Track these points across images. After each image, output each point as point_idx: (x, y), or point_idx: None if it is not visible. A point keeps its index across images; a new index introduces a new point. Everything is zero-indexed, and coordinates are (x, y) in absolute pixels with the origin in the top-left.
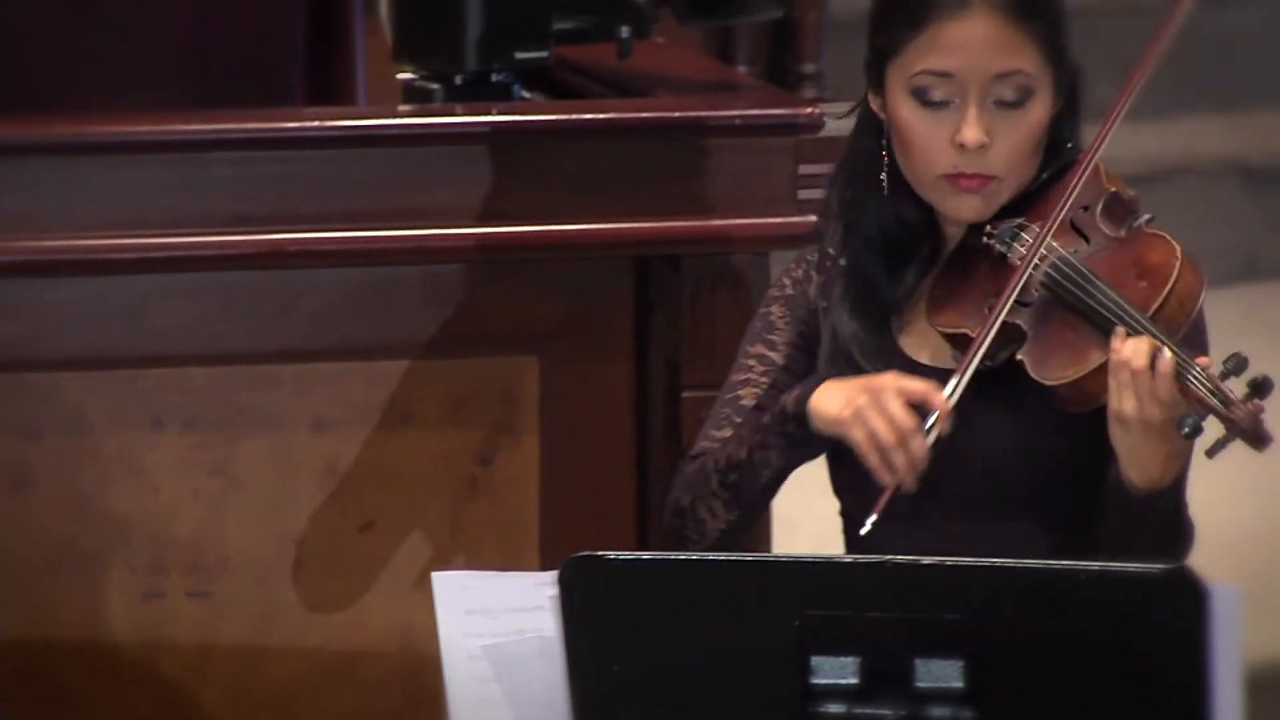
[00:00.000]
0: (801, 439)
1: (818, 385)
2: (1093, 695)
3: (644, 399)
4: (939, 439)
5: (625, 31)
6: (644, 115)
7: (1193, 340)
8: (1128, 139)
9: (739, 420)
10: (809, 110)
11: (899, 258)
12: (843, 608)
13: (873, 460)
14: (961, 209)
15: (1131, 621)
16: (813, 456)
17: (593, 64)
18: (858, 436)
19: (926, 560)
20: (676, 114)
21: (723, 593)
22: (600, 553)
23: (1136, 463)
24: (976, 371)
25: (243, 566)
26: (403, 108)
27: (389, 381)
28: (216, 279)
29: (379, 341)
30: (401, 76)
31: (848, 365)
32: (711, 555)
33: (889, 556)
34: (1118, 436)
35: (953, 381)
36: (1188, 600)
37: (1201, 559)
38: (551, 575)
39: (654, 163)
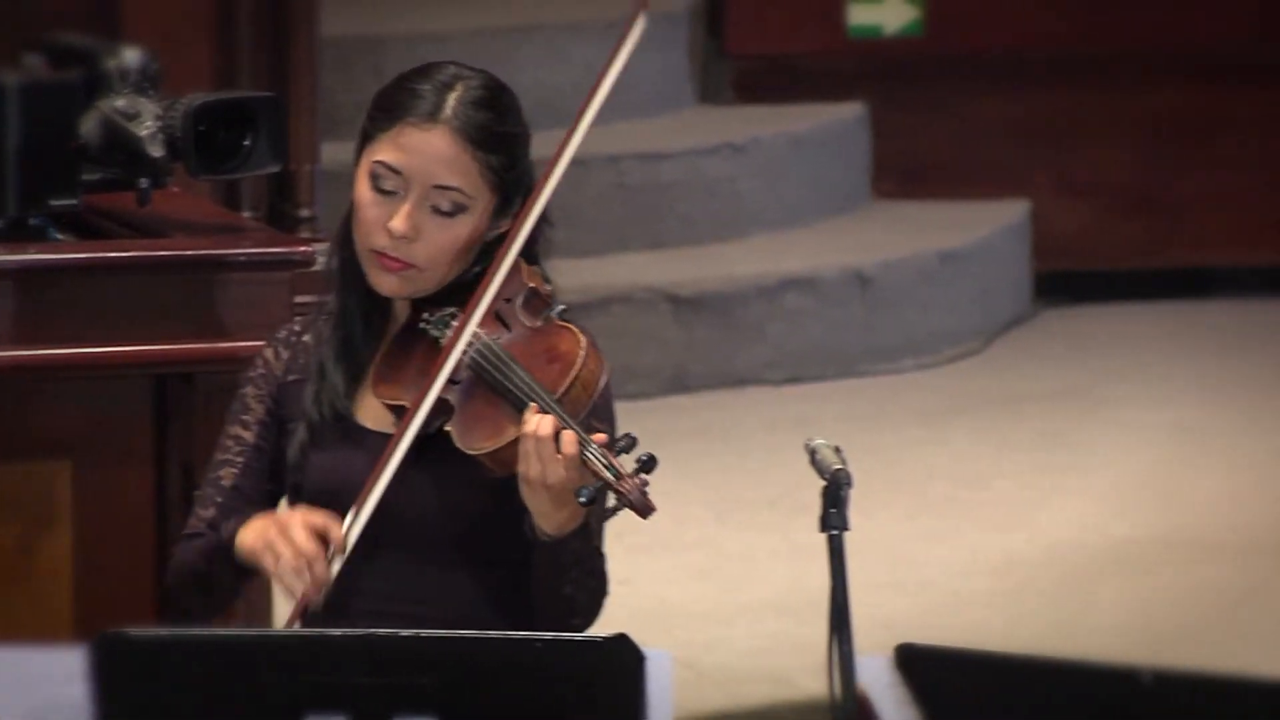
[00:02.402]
0: (239, 562)
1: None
2: None
3: (163, 497)
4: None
5: (145, 182)
6: (161, 254)
7: (601, 417)
8: (574, 272)
9: (220, 500)
10: (303, 249)
11: (371, 322)
12: (332, 674)
13: (283, 583)
14: (380, 284)
15: (580, 684)
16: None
17: (118, 210)
18: (268, 564)
19: (405, 632)
20: (189, 252)
21: (229, 663)
22: (124, 629)
23: (544, 517)
24: (415, 438)
25: None
26: None
27: None
28: None
29: None
30: None
31: (314, 436)
32: (219, 631)
33: (372, 630)
34: (528, 496)
35: (349, 516)
36: (627, 664)
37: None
38: (81, 650)
39: (170, 294)
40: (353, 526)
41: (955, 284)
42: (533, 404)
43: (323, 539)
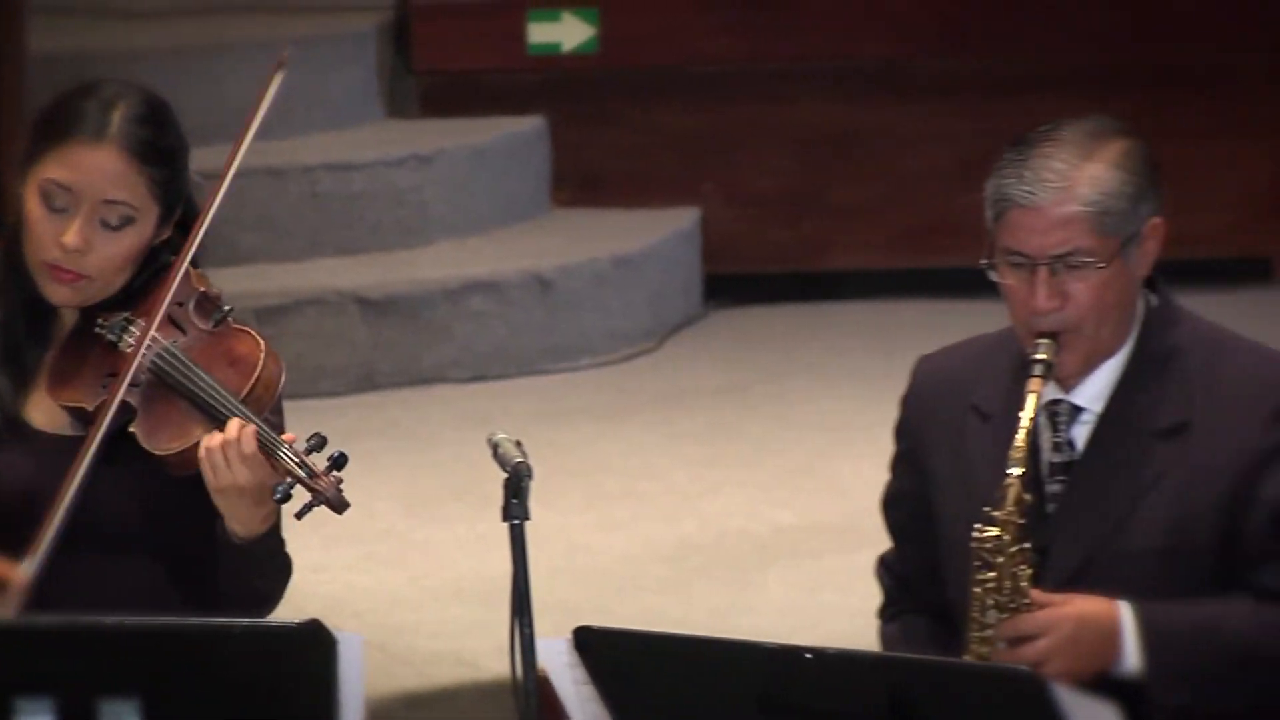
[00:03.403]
0: None
1: None
2: None
3: None
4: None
5: None
6: None
7: (279, 420)
8: (268, 276)
9: None
10: None
11: (37, 328)
12: (37, 661)
13: None
14: (54, 295)
15: (276, 667)
16: None
17: None
18: None
19: (108, 620)
20: None
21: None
22: None
23: (236, 519)
24: (102, 440)
25: None
26: None
27: None
28: None
29: None
30: None
31: None
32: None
33: (75, 618)
34: (218, 499)
35: (27, 561)
36: (320, 647)
37: None
38: None
39: None
40: (46, 529)
41: (629, 287)
42: (218, 406)
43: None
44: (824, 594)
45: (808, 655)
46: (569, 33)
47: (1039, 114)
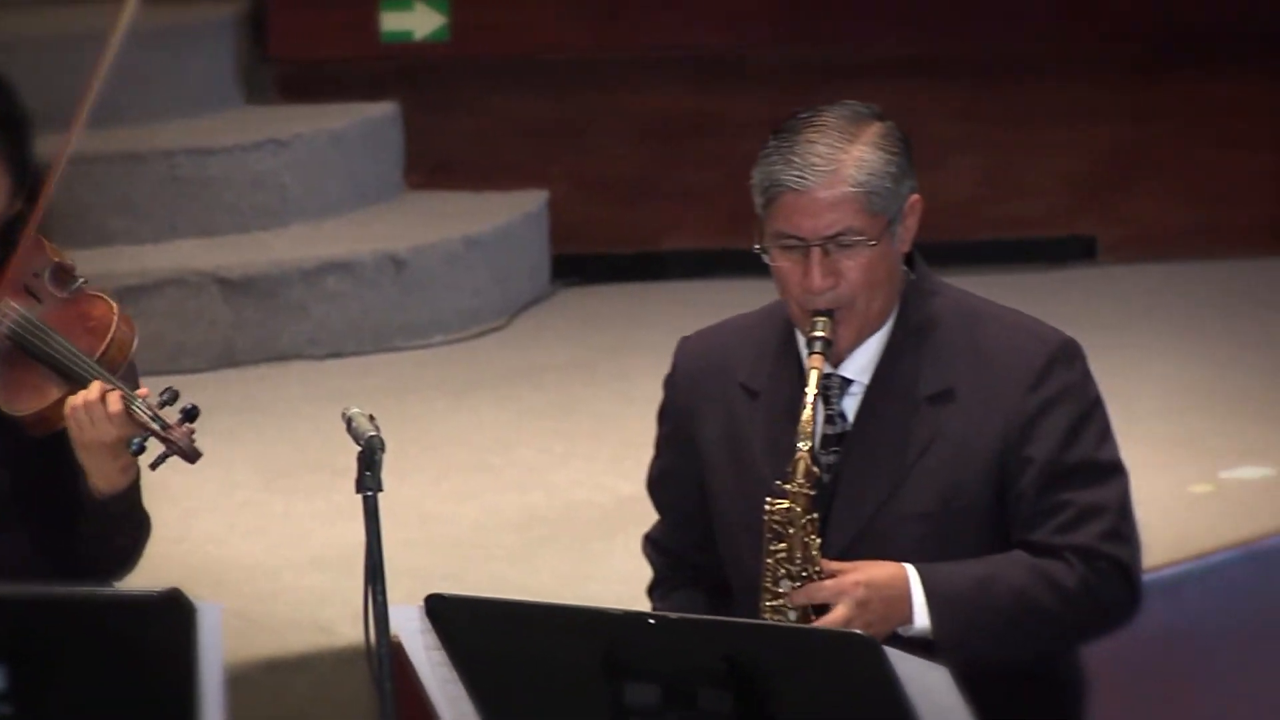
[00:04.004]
0: None
1: None
2: (112, 698)
3: None
4: None
5: None
6: None
7: (132, 377)
8: (131, 257)
9: None
10: None
11: None
12: None
13: None
14: None
15: (138, 634)
16: None
17: None
18: None
19: None
20: None
21: None
22: None
23: (99, 475)
24: None
25: None
26: None
27: None
28: None
29: None
30: None
31: None
32: None
33: None
34: (81, 456)
35: None
36: (180, 615)
37: None
38: None
39: None
40: None
41: (480, 267)
42: (76, 369)
43: None
44: None
45: (650, 620)
46: (421, 21)
47: (867, 101)
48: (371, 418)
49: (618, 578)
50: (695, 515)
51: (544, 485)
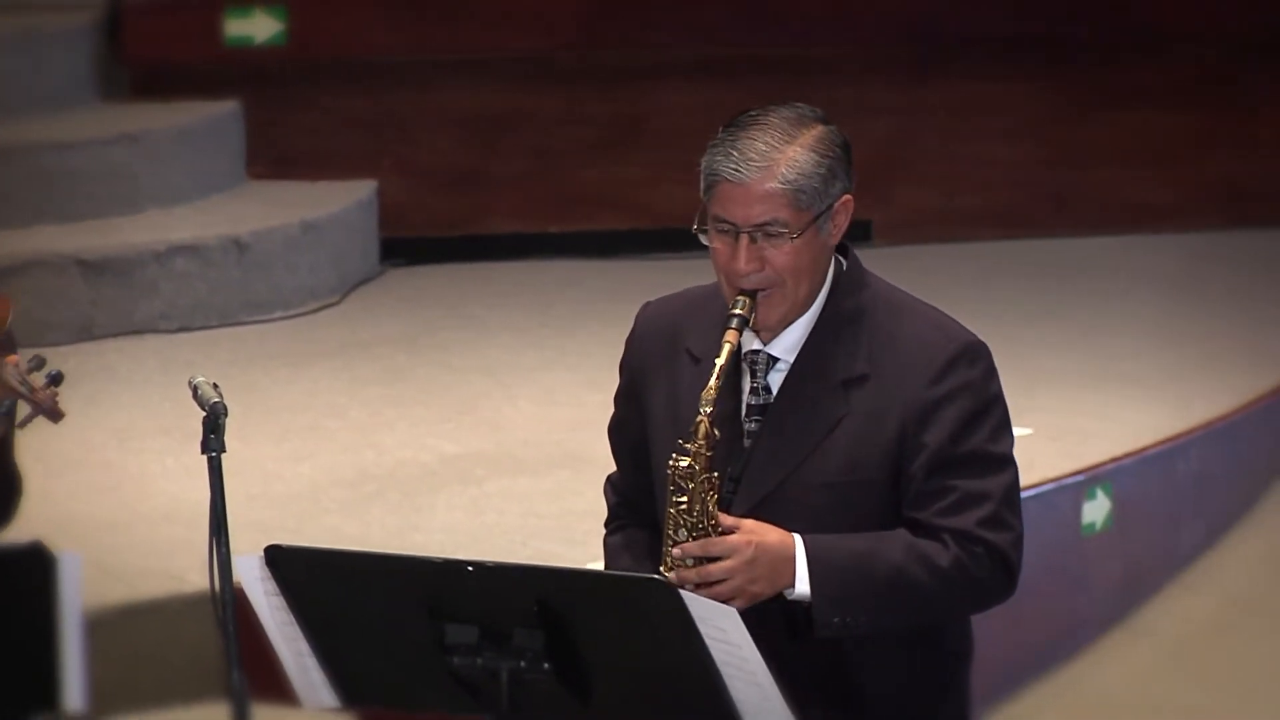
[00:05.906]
0: None
1: None
2: None
3: None
4: None
5: None
6: None
7: (10, 347)
8: (1, 243)
9: None
10: None
11: None
12: None
13: None
14: None
15: (3, 586)
16: None
17: None
18: None
19: None
20: None
21: None
22: None
23: None
24: None
25: None
26: None
27: None
28: None
29: None
30: None
31: None
32: None
33: None
34: None
35: None
36: (42, 567)
37: None
38: None
39: None
40: None
41: (316, 249)
42: None
43: None
44: (485, 515)
45: (469, 568)
46: (260, 27)
47: (664, 100)
48: (216, 386)
49: (441, 529)
50: (643, 464)
51: (374, 446)
